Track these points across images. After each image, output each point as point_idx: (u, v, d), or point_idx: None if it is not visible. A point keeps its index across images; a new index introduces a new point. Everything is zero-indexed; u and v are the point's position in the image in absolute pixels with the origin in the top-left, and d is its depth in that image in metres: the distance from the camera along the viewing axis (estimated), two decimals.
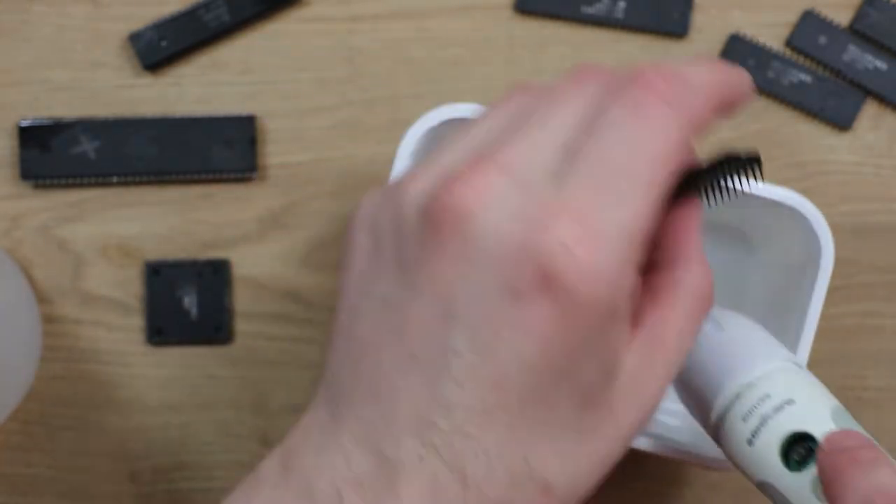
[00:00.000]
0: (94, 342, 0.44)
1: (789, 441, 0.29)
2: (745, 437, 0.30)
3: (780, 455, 0.29)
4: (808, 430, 0.29)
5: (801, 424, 0.29)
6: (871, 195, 0.45)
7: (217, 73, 0.44)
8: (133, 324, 0.44)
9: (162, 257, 0.44)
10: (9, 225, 0.43)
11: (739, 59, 0.44)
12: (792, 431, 0.29)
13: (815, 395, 0.30)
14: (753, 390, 0.31)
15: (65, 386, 0.44)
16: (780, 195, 0.36)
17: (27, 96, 0.43)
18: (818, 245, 0.36)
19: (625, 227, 0.25)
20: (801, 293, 0.37)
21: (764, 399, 0.30)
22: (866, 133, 0.45)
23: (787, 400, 0.30)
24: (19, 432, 0.44)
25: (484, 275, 0.25)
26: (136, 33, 0.43)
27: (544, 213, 0.25)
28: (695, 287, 0.28)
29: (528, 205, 0.25)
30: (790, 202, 0.36)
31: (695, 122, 0.28)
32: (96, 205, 0.44)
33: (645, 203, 0.26)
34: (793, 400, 0.30)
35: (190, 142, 0.43)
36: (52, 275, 0.44)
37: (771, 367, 0.31)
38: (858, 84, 0.44)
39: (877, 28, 0.44)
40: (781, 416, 0.30)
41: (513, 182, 0.25)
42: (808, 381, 0.31)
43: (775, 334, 0.36)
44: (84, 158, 0.43)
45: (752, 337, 0.33)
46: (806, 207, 0.36)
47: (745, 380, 0.31)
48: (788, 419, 0.29)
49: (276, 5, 0.43)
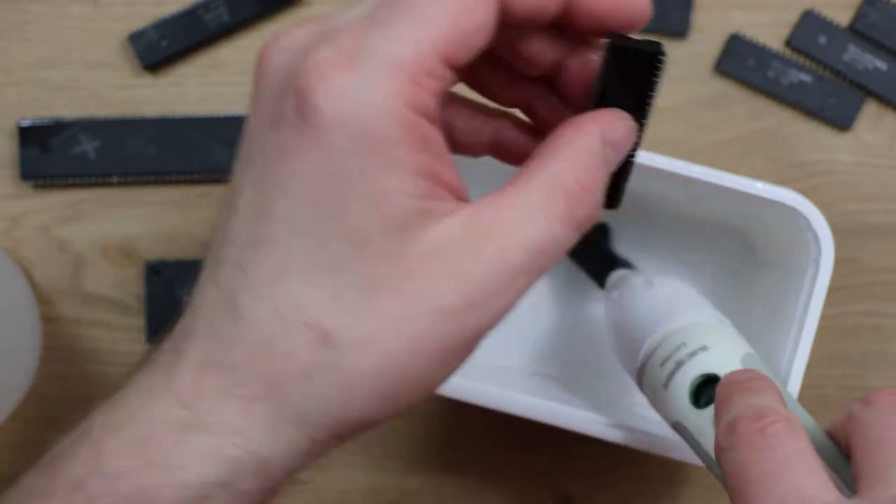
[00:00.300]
0: (94, 342, 0.44)
1: (699, 384, 0.30)
2: (661, 381, 0.32)
3: (691, 396, 0.30)
4: (716, 373, 0.30)
5: (710, 368, 0.30)
6: (871, 195, 0.45)
7: (217, 73, 0.44)
8: (133, 324, 0.44)
9: (162, 257, 0.44)
10: (9, 225, 0.43)
11: (739, 59, 0.44)
12: (701, 374, 0.30)
13: (728, 343, 0.32)
14: (672, 339, 0.32)
15: (65, 386, 0.44)
16: (781, 195, 0.36)
17: (27, 96, 0.43)
18: (818, 245, 0.37)
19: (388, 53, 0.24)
20: (802, 293, 0.37)
21: (680, 347, 0.32)
22: (866, 133, 0.45)
23: (701, 347, 0.31)
24: (19, 432, 0.44)
25: (263, 108, 0.26)
26: (136, 33, 0.43)
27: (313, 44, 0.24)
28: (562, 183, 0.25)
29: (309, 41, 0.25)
30: (790, 202, 0.36)
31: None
32: (96, 205, 0.44)
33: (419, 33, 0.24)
34: (706, 347, 0.31)
35: (190, 142, 0.43)
36: (52, 275, 0.44)
37: (692, 321, 0.33)
38: (858, 84, 0.44)
39: (877, 28, 0.44)
40: (694, 361, 0.31)
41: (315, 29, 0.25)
42: (726, 333, 0.32)
43: (775, 335, 0.37)
44: (84, 158, 0.43)
45: (680, 294, 0.35)
46: (806, 207, 0.37)
47: (666, 330, 0.33)
48: (700, 364, 0.31)
49: (276, 5, 0.43)
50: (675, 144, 0.44)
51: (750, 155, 0.44)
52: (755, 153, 0.44)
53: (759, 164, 0.44)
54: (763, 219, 0.39)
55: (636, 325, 0.34)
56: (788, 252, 0.39)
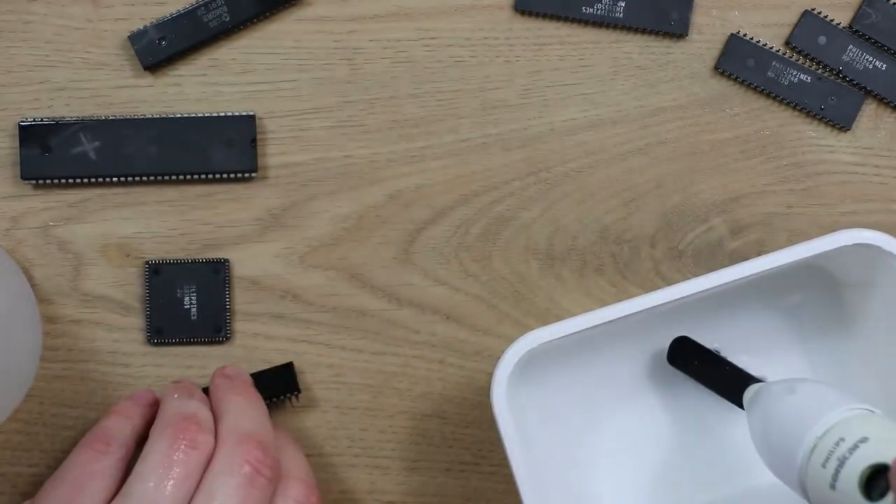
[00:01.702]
0: (94, 342, 0.44)
1: (869, 476, 0.30)
2: (827, 482, 0.31)
3: (862, 491, 0.29)
4: (884, 461, 0.29)
5: (877, 457, 0.30)
6: (871, 195, 0.45)
7: (217, 73, 0.44)
8: (133, 324, 0.44)
9: (162, 257, 0.44)
10: (9, 225, 0.43)
11: (739, 59, 0.44)
12: (868, 465, 0.30)
13: (888, 430, 0.31)
14: (829, 437, 0.32)
15: (65, 386, 0.44)
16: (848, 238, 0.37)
17: (27, 96, 0.43)
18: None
19: None
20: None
21: (839, 443, 0.31)
22: (866, 133, 0.45)
23: (861, 439, 0.31)
24: (19, 432, 0.44)
25: None
26: (136, 33, 0.43)
27: None
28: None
29: None
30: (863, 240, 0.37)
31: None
32: (96, 205, 0.44)
33: None
34: (866, 438, 0.31)
35: (190, 142, 0.43)
36: (52, 275, 0.44)
37: (844, 415, 0.32)
38: (858, 84, 0.44)
39: (877, 28, 0.44)
40: (857, 454, 0.30)
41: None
42: (879, 421, 0.32)
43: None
44: (84, 158, 0.43)
45: (823, 392, 0.34)
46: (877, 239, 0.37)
47: (819, 431, 0.32)
48: (864, 455, 0.30)
49: (276, 5, 0.43)
50: (675, 144, 0.44)
51: (750, 155, 0.44)
52: (755, 153, 0.44)
53: (758, 164, 0.44)
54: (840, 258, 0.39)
55: (788, 433, 0.34)
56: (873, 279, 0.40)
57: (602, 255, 0.44)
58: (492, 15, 0.44)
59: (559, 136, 0.44)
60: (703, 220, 0.44)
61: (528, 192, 0.44)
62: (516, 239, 0.44)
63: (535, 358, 0.37)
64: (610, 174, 0.44)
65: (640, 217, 0.44)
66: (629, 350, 0.43)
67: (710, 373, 0.41)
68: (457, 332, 0.44)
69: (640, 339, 0.43)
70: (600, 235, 0.44)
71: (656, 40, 0.44)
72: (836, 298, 0.42)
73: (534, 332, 0.37)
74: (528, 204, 0.44)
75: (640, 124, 0.44)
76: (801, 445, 0.32)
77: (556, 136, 0.44)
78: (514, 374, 0.37)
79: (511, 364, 0.36)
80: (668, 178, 0.44)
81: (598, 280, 0.44)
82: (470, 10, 0.44)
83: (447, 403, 0.44)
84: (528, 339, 0.37)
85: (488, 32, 0.44)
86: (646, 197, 0.44)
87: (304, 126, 0.44)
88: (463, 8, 0.44)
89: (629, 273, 0.44)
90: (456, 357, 0.44)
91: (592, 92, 0.44)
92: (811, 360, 0.43)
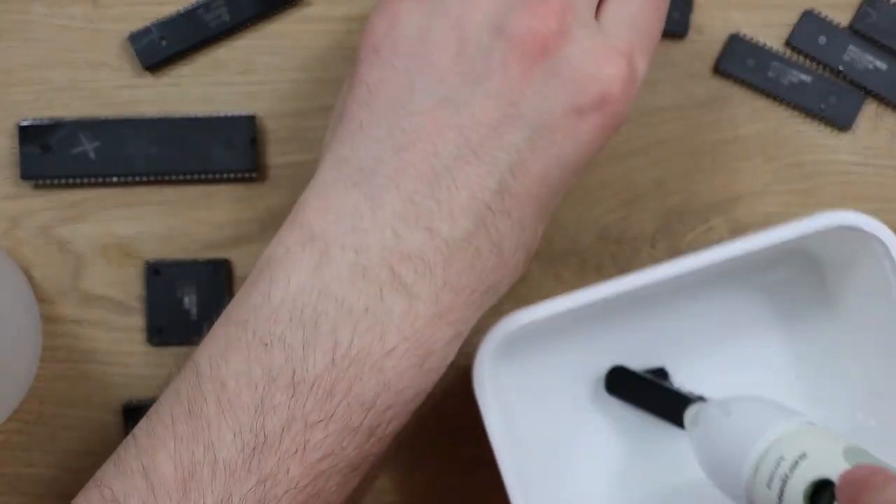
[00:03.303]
0: (94, 342, 0.44)
1: (812, 492, 0.30)
2: (773, 502, 0.31)
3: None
4: (826, 476, 0.30)
5: (818, 472, 0.30)
6: (871, 195, 0.45)
7: (217, 73, 0.44)
8: (133, 324, 0.44)
9: (162, 257, 0.44)
10: (9, 225, 0.43)
11: (739, 59, 0.44)
12: (810, 482, 0.30)
13: (825, 442, 0.31)
14: (768, 458, 0.32)
15: (65, 386, 0.44)
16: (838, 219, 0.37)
17: (27, 96, 0.43)
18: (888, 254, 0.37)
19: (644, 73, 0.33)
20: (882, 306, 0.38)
21: (779, 462, 0.31)
22: (866, 133, 0.45)
23: (800, 455, 0.31)
24: (19, 432, 0.44)
25: (554, 91, 0.31)
26: (136, 33, 0.43)
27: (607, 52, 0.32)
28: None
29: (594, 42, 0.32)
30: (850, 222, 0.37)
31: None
32: (96, 205, 0.44)
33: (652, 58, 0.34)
34: (805, 454, 0.31)
35: (190, 142, 0.43)
36: (52, 275, 0.44)
37: (779, 432, 0.32)
38: (858, 84, 0.44)
39: (877, 28, 0.44)
40: (798, 472, 0.31)
41: (579, 21, 0.32)
42: (816, 434, 0.32)
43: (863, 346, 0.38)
44: (84, 158, 0.43)
45: (757, 411, 0.35)
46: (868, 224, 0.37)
47: (758, 452, 0.32)
48: (805, 472, 0.30)
49: (276, 5, 0.43)
50: (675, 144, 0.44)
51: (750, 155, 0.44)
52: (755, 153, 0.44)
53: (759, 164, 0.44)
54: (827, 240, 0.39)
55: (728, 458, 0.34)
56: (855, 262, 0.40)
57: (602, 255, 0.44)
58: None
59: None
60: (703, 220, 0.44)
61: None
62: None
63: (520, 341, 0.38)
64: (610, 174, 0.44)
65: (640, 217, 0.44)
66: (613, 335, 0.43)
67: (648, 399, 0.41)
68: None
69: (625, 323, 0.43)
70: (600, 235, 0.44)
71: None
72: (819, 280, 0.42)
73: (518, 312, 0.37)
74: None
75: (639, 124, 0.44)
76: (744, 468, 0.33)
77: None
78: (499, 355, 0.37)
79: (495, 341, 0.37)
80: (668, 178, 0.44)
81: (598, 279, 0.44)
82: None
83: (447, 403, 0.44)
84: (513, 318, 0.37)
85: None
86: (646, 197, 0.44)
87: (304, 126, 0.44)
88: None
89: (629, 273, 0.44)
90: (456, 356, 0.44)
91: None
92: (793, 341, 0.43)
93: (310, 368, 0.30)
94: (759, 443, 0.33)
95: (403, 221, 0.31)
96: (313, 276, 0.31)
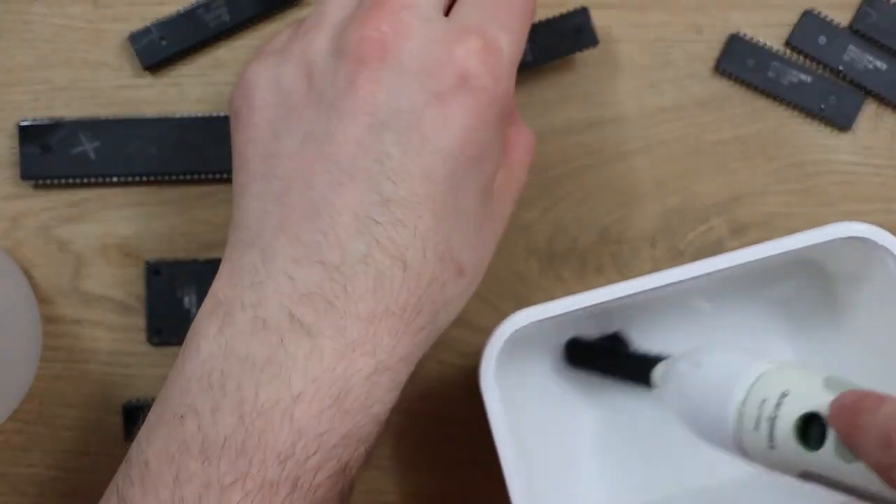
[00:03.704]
0: (94, 342, 0.44)
1: (801, 427, 0.30)
2: (764, 444, 0.31)
3: (800, 442, 0.30)
4: (811, 409, 0.30)
5: (803, 406, 0.30)
6: (871, 195, 0.45)
7: (217, 73, 0.44)
8: (133, 324, 0.44)
9: (162, 257, 0.44)
10: (9, 225, 0.43)
11: (739, 59, 0.44)
12: (798, 417, 0.30)
13: (803, 377, 0.31)
14: (750, 401, 0.32)
15: (65, 386, 0.44)
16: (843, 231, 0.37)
17: (27, 96, 0.43)
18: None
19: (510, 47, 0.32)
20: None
21: (762, 403, 0.31)
22: (866, 133, 0.45)
23: (782, 393, 0.31)
24: (19, 432, 0.44)
25: (409, 87, 0.30)
26: (136, 33, 0.43)
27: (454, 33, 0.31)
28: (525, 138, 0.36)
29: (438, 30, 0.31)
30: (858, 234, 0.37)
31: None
32: (96, 205, 0.44)
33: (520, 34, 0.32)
34: (786, 392, 0.31)
35: (190, 142, 0.43)
36: (52, 275, 0.44)
37: (755, 375, 0.33)
38: (858, 84, 0.44)
39: (877, 28, 0.44)
40: (783, 409, 0.31)
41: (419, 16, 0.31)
42: (793, 370, 0.32)
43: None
44: (84, 158, 0.43)
45: (727, 359, 0.35)
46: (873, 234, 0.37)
47: (739, 397, 0.32)
48: (790, 408, 0.31)
49: (276, 5, 0.43)
50: (675, 144, 0.44)
51: (750, 155, 0.44)
52: (755, 153, 0.44)
53: (759, 164, 0.44)
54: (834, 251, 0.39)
55: (708, 409, 0.34)
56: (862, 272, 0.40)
57: (602, 255, 0.44)
58: None
59: (559, 136, 0.44)
60: (703, 220, 0.44)
61: (528, 192, 0.44)
62: (516, 239, 0.44)
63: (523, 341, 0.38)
64: (610, 174, 0.44)
65: (640, 217, 0.44)
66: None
67: (611, 365, 0.41)
68: (457, 332, 0.44)
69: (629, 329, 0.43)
70: (600, 235, 0.44)
71: (657, 40, 0.44)
72: (828, 292, 0.42)
73: (525, 310, 0.37)
74: (528, 204, 0.44)
75: (640, 124, 0.44)
76: (727, 416, 0.33)
77: (556, 136, 0.44)
78: (505, 353, 0.37)
79: (502, 339, 0.37)
80: (668, 178, 0.44)
81: (598, 280, 0.44)
82: None
83: (447, 403, 0.44)
84: (520, 316, 0.37)
85: None
86: (646, 197, 0.44)
87: None
88: None
89: (629, 273, 0.44)
90: (456, 357, 0.44)
91: (592, 92, 0.44)
92: (802, 353, 0.43)
93: (220, 430, 0.29)
94: (737, 389, 0.33)
95: (295, 263, 0.30)
96: (218, 339, 0.30)
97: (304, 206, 0.30)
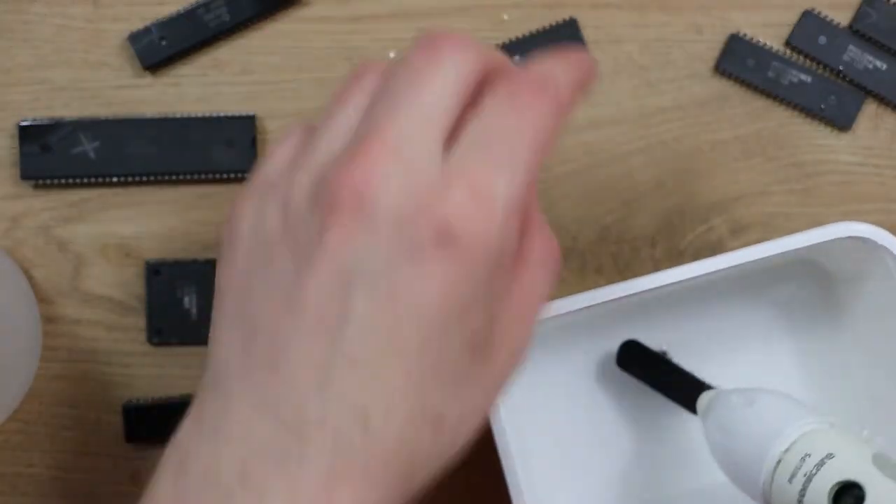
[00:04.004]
0: (94, 342, 0.44)
1: (837, 492, 0.30)
2: (794, 497, 0.31)
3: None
4: (853, 479, 0.30)
5: (845, 474, 0.30)
6: (871, 195, 0.45)
7: (217, 73, 0.44)
8: (133, 324, 0.44)
9: (162, 257, 0.44)
10: (9, 225, 0.43)
11: (739, 59, 0.44)
12: (836, 483, 0.30)
13: (853, 446, 0.31)
14: (793, 452, 0.32)
15: (65, 386, 0.44)
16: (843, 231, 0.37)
17: (27, 96, 0.43)
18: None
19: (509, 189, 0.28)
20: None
21: (805, 458, 0.31)
22: (866, 133, 0.45)
23: (827, 454, 0.31)
24: (19, 432, 0.44)
25: (382, 241, 0.28)
26: (136, 33, 0.43)
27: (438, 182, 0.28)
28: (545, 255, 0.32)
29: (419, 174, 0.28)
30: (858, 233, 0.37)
31: (562, 110, 0.30)
32: (96, 205, 0.44)
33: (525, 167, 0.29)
34: (832, 454, 0.31)
35: (190, 142, 0.43)
36: (52, 275, 0.44)
37: (806, 430, 0.32)
38: (858, 84, 0.44)
39: (877, 28, 0.44)
40: (824, 471, 0.30)
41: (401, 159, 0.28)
42: (843, 436, 0.32)
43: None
44: (84, 158, 0.43)
45: (782, 405, 0.34)
46: (874, 234, 0.37)
47: (783, 445, 0.32)
48: (831, 472, 0.30)
49: (276, 5, 0.43)
50: (675, 144, 0.44)
51: (750, 155, 0.44)
52: (755, 153, 0.44)
53: (758, 164, 0.44)
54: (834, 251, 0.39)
55: (749, 447, 0.34)
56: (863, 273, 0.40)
57: (602, 255, 0.44)
58: (491, 15, 0.44)
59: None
60: (703, 220, 0.44)
61: None
62: None
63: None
64: (610, 174, 0.44)
65: (640, 217, 0.44)
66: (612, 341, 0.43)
67: (661, 378, 0.41)
68: None
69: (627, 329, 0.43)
70: (600, 235, 0.44)
71: (657, 40, 0.44)
72: (828, 292, 0.42)
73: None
74: None
75: (640, 124, 0.44)
76: (765, 460, 0.33)
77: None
78: None
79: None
80: (668, 178, 0.44)
81: (599, 280, 0.44)
82: (469, 10, 0.44)
83: None
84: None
85: (488, 32, 0.44)
86: (646, 197, 0.44)
87: None
88: (462, 8, 0.44)
89: (629, 273, 0.44)
90: None
91: (592, 92, 0.44)
92: (801, 353, 0.43)
93: None
94: (784, 436, 0.32)
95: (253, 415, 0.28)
96: (171, 491, 0.28)
97: (267, 355, 0.29)
